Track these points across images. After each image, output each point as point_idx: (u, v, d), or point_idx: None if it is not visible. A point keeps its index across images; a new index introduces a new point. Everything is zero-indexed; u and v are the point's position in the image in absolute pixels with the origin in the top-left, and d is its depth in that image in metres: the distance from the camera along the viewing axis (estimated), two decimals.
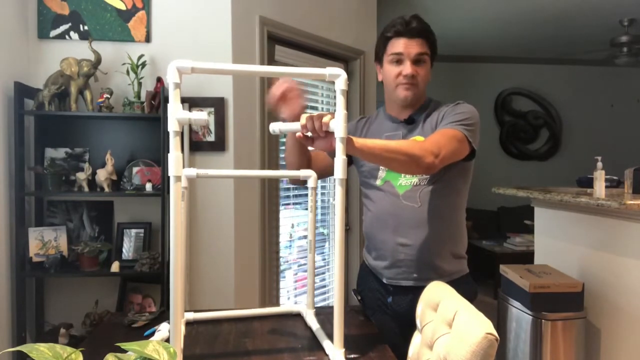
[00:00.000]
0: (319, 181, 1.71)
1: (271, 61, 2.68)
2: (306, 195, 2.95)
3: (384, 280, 1.54)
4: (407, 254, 1.48)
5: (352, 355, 1.26)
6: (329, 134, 1.18)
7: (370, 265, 1.61)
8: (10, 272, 2.27)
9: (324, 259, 3.18)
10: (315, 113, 1.23)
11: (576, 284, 2.21)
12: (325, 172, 1.59)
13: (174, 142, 1.04)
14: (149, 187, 2.32)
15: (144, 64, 2.35)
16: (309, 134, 1.22)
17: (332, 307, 1.23)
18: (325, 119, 1.16)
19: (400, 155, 1.27)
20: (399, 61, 1.48)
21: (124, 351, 0.74)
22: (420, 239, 1.47)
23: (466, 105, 1.48)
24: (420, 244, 1.47)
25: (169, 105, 1.05)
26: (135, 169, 2.41)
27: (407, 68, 1.47)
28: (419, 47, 1.47)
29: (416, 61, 1.48)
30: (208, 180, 2.41)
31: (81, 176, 2.32)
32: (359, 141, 1.24)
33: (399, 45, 1.48)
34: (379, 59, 1.57)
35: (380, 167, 1.53)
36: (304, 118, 1.20)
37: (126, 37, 2.41)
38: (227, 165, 2.43)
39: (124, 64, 2.37)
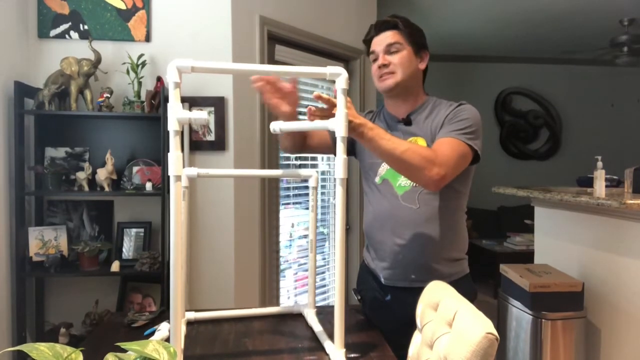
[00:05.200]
0: (320, 180, 1.72)
1: (271, 61, 2.68)
2: (306, 194, 2.95)
3: (382, 281, 1.54)
4: (405, 255, 1.48)
5: (353, 355, 1.26)
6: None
7: (370, 266, 1.61)
8: (10, 271, 2.27)
9: (324, 259, 3.18)
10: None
11: (576, 283, 2.21)
12: (321, 149, 1.65)
13: (174, 142, 1.04)
14: (149, 186, 2.32)
15: (144, 64, 2.35)
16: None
17: (332, 307, 1.23)
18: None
19: (408, 164, 1.28)
20: (375, 59, 1.52)
21: (124, 351, 0.74)
22: (418, 241, 1.47)
23: (468, 110, 1.46)
24: (418, 245, 1.47)
25: (169, 105, 1.05)
26: (135, 169, 2.41)
27: (379, 60, 1.50)
28: (388, 39, 1.50)
29: (388, 52, 1.50)
30: (208, 180, 2.41)
31: (81, 176, 2.32)
32: (372, 131, 1.26)
33: (372, 44, 1.54)
34: None
35: (382, 164, 1.53)
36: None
37: (126, 37, 2.41)
38: (227, 164, 2.43)
39: (124, 63, 2.36)
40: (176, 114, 1.04)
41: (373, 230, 1.57)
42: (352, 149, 1.64)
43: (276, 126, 1.35)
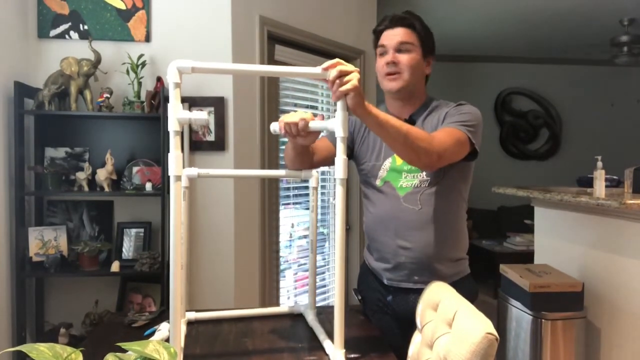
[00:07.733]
0: (320, 180, 1.72)
1: (271, 61, 2.68)
2: (306, 195, 2.96)
3: (385, 282, 1.54)
4: (408, 256, 1.48)
5: (353, 355, 1.26)
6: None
7: (371, 266, 1.61)
8: (10, 272, 2.27)
9: (324, 259, 3.18)
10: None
11: (576, 283, 2.21)
12: (324, 163, 1.58)
13: (174, 142, 1.04)
14: (149, 186, 2.32)
15: (143, 64, 2.35)
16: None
17: (332, 307, 1.23)
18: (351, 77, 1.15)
19: (407, 140, 1.26)
20: (383, 53, 1.50)
21: (124, 351, 0.74)
22: (421, 242, 1.47)
23: (470, 107, 1.48)
24: (421, 247, 1.47)
25: (170, 105, 1.05)
26: (135, 169, 2.41)
27: (388, 57, 1.47)
28: (400, 36, 1.47)
29: (399, 50, 1.47)
30: (208, 180, 2.41)
31: (81, 176, 2.32)
32: (373, 110, 1.23)
33: (383, 37, 1.50)
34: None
35: (382, 166, 1.53)
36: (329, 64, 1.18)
37: (126, 37, 2.41)
38: (227, 165, 2.43)
39: (123, 63, 2.36)
40: (176, 114, 1.04)
41: (375, 232, 1.56)
42: (350, 153, 1.63)
43: (276, 127, 1.35)
